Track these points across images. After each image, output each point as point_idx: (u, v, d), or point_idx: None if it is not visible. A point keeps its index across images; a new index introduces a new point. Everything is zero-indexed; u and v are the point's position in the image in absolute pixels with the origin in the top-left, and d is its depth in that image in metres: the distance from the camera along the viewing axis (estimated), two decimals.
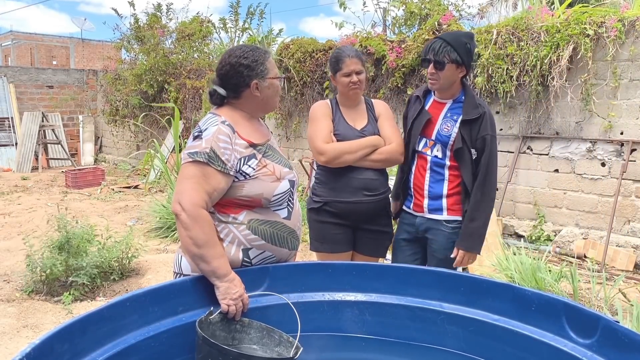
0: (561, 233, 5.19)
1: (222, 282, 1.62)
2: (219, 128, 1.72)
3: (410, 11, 6.49)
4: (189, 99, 9.05)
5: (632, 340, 1.33)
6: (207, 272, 1.63)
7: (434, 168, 2.46)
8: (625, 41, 4.74)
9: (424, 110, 2.50)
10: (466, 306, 1.67)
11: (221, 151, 1.69)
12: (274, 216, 1.79)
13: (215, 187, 1.68)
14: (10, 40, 21.19)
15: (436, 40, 2.37)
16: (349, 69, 2.48)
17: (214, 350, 1.41)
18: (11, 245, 5.23)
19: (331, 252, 2.58)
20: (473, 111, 2.37)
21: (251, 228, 1.75)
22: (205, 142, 1.69)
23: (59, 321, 3.45)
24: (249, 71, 1.81)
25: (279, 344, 1.58)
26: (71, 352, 1.28)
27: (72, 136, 12.29)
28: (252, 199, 1.75)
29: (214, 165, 1.67)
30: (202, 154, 1.67)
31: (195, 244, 1.63)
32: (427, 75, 2.41)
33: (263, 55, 1.84)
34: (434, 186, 2.46)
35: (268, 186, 1.75)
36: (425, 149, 2.48)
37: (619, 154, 4.85)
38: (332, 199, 2.53)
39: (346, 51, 2.53)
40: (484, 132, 2.36)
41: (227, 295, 1.60)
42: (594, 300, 3.51)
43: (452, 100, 2.46)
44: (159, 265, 4.63)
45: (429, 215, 2.49)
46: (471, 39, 2.37)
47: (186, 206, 1.63)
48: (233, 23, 9.46)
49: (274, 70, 1.86)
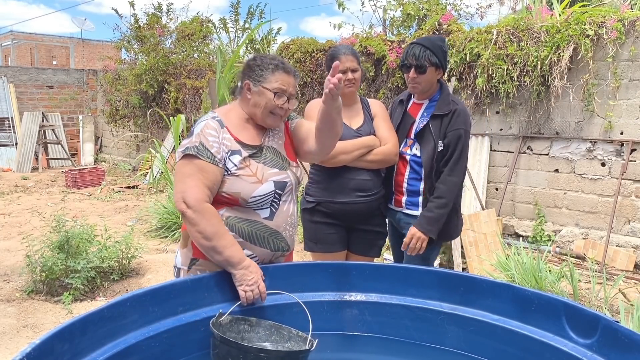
0: (561, 233, 5.19)
1: (237, 269, 1.64)
2: (207, 123, 1.79)
3: (407, 13, 6.49)
4: (189, 99, 9.05)
5: (632, 340, 1.33)
6: (222, 262, 1.67)
7: (412, 166, 2.55)
8: (625, 41, 4.74)
9: (406, 113, 2.60)
10: (466, 306, 1.67)
11: (210, 144, 1.74)
12: (254, 215, 1.80)
13: (213, 180, 1.73)
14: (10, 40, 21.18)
15: (414, 45, 2.46)
16: (344, 66, 2.48)
17: (233, 349, 1.41)
18: (11, 245, 5.23)
19: (325, 252, 2.58)
20: (445, 107, 2.47)
21: (229, 225, 1.77)
22: (195, 137, 1.76)
23: (59, 321, 3.45)
24: (249, 71, 1.86)
25: (289, 339, 1.58)
26: (71, 352, 1.28)
27: (72, 136, 12.29)
28: (231, 196, 1.77)
29: (203, 157, 1.71)
30: (191, 147, 1.73)
31: (205, 237, 1.67)
32: (409, 81, 2.50)
33: (270, 65, 1.83)
34: (412, 183, 2.55)
35: (247, 187, 1.76)
36: (405, 149, 2.57)
37: (619, 154, 4.85)
38: (325, 199, 2.54)
39: (341, 49, 2.54)
40: (457, 126, 2.44)
41: (243, 282, 1.63)
42: (594, 300, 3.51)
43: (429, 100, 2.56)
44: (159, 265, 4.63)
45: (407, 211, 2.57)
46: (444, 42, 2.51)
47: (191, 202, 1.67)
48: (233, 23, 9.46)
49: (273, 83, 1.81)
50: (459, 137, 2.44)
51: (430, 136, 2.46)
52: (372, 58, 6.31)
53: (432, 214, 2.42)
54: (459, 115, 2.45)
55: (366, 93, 6.39)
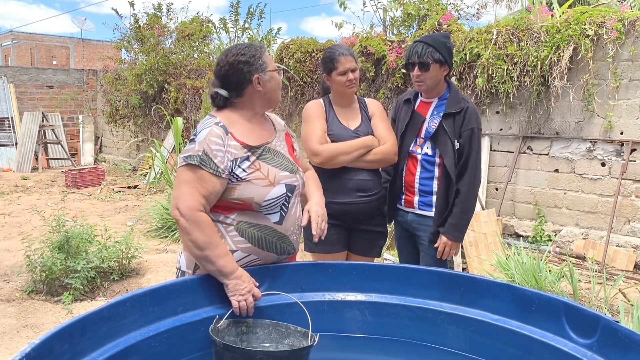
0: (561, 233, 5.19)
1: (230, 279, 1.62)
2: (211, 130, 1.72)
3: (407, 12, 6.49)
4: (189, 99, 9.05)
5: (632, 340, 1.33)
6: (214, 272, 1.64)
7: (424, 165, 2.53)
8: (625, 41, 4.74)
9: (415, 112, 2.57)
10: (466, 306, 1.67)
11: (214, 153, 1.69)
12: (264, 220, 1.77)
13: (211, 190, 1.68)
14: (10, 40, 21.17)
15: (417, 43, 2.45)
16: (344, 67, 2.47)
17: (238, 355, 1.41)
18: (11, 245, 5.23)
19: (325, 252, 2.57)
20: (456, 105, 2.45)
21: (239, 230, 1.75)
22: (198, 145, 1.70)
23: (59, 321, 3.45)
24: (249, 67, 1.80)
25: (288, 335, 1.58)
26: (71, 352, 1.28)
27: (72, 136, 12.29)
28: (244, 202, 1.73)
29: (206, 168, 1.67)
30: (194, 157, 1.68)
31: (197, 246, 1.64)
32: (414, 78, 2.49)
33: (259, 50, 1.84)
34: (424, 183, 2.53)
35: (260, 190, 1.73)
36: (416, 147, 2.54)
37: (619, 154, 4.85)
38: (326, 199, 2.53)
39: (339, 50, 2.53)
40: (470, 125, 2.44)
41: (236, 292, 1.61)
42: (594, 300, 3.51)
43: (438, 98, 2.54)
44: (159, 265, 4.63)
45: (419, 211, 2.55)
46: (448, 39, 2.49)
47: (184, 211, 1.64)
48: (233, 23, 9.46)
49: (272, 63, 1.86)
50: (472, 136, 2.43)
51: (445, 136, 2.44)
52: (372, 58, 6.31)
53: (461, 220, 2.44)
54: (471, 113, 2.44)
55: (366, 93, 6.39)
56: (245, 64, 1.80)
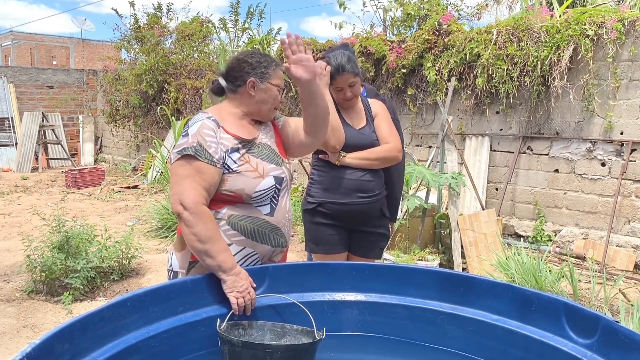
0: (561, 233, 5.19)
1: (229, 275, 1.63)
2: (203, 123, 1.77)
3: (407, 13, 6.49)
4: (189, 99, 9.05)
5: (632, 340, 1.32)
6: (213, 266, 1.65)
7: None
8: (625, 41, 4.74)
9: None
10: (466, 306, 1.67)
11: (207, 144, 1.72)
12: (255, 212, 1.80)
13: (211, 181, 1.71)
14: (10, 40, 21.18)
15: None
16: (340, 86, 2.46)
17: (259, 352, 1.41)
18: (11, 245, 5.23)
19: (326, 253, 2.56)
20: None
21: (231, 223, 1.77)
22: (192, 137, 1.73)
23: (59, 321, 3.45)
24: (250, 69, 1.85)
25: (284, 335, 1.58)
26: (71, 352, 1.28)
27: (72, 136, 12.30)
28: (234, 194, 1.76)
29: (201, 158, 1.70)
30: (189, 148, 1.71)
31: (199, 240, 1.66)
32: None
33: (270, 61, 1.87)
34: None
35: (250, 182, 1.76)
36: None
37: (619, 154, 4.85)
38: (326, 200, 2.51)
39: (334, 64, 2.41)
40: None
41: (234, 289, 1.62)
42: (594, 300, 3.51)
43: None
44: (159, 265, 4.63)
45: None
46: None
47: (188, 205, 1.66)
48: (233, 23, 9.46)
49: (277, 79, 1.87)
50: None
51: None
52: (372, 58, 6.31)
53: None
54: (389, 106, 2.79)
55: None
56: (248, 65, 1.85)
